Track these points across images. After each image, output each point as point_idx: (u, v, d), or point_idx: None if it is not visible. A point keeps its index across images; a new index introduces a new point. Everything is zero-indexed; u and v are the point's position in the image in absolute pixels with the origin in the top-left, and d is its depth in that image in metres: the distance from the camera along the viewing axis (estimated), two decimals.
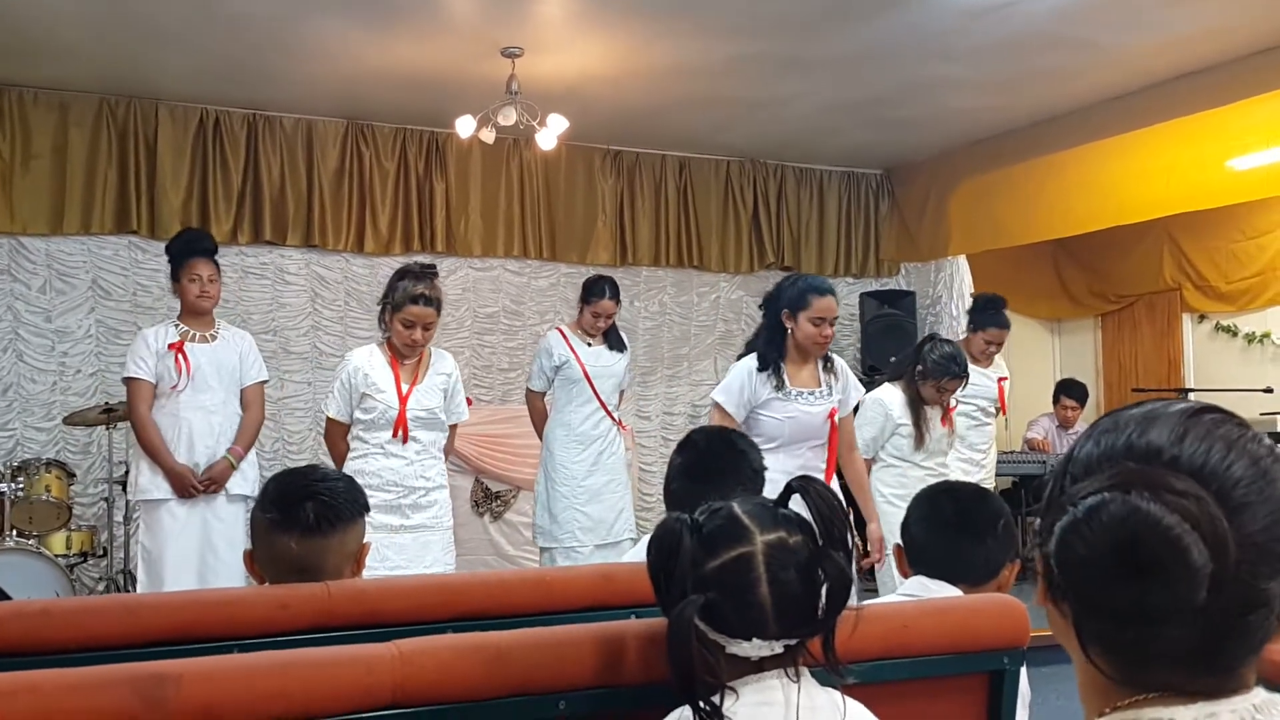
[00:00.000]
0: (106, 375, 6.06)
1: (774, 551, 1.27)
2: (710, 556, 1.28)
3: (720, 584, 1.26)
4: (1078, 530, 0.80)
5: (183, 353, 4.18)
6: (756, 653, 1.26)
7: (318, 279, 6.60)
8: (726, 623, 1.26)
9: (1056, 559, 0.82)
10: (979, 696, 1.59)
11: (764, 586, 1.25)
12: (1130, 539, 0.78)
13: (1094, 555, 0.79)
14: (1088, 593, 0.81)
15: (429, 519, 4.00)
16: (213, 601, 1.78)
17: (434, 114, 6.32)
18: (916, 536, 2.04)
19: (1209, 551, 0.77)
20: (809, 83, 5.93)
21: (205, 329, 4.30)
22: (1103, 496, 0.80)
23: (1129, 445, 0.84)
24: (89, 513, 5.80)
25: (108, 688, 1.13)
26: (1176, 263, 7.47)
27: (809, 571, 1.27)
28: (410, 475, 3.96)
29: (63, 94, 5.94)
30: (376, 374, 3.95)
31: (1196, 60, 5.62)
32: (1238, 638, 0.80)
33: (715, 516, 1.32)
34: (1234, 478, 0.80)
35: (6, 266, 5.93)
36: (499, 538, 6.52)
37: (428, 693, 1.28)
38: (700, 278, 7.52)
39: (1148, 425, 0.84)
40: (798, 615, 1.26)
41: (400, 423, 3.91)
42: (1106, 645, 0.83)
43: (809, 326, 3.69)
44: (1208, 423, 0.83)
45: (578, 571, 2.17)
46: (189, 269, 4.25)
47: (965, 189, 7.23)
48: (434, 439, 4.05)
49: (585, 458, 4.86)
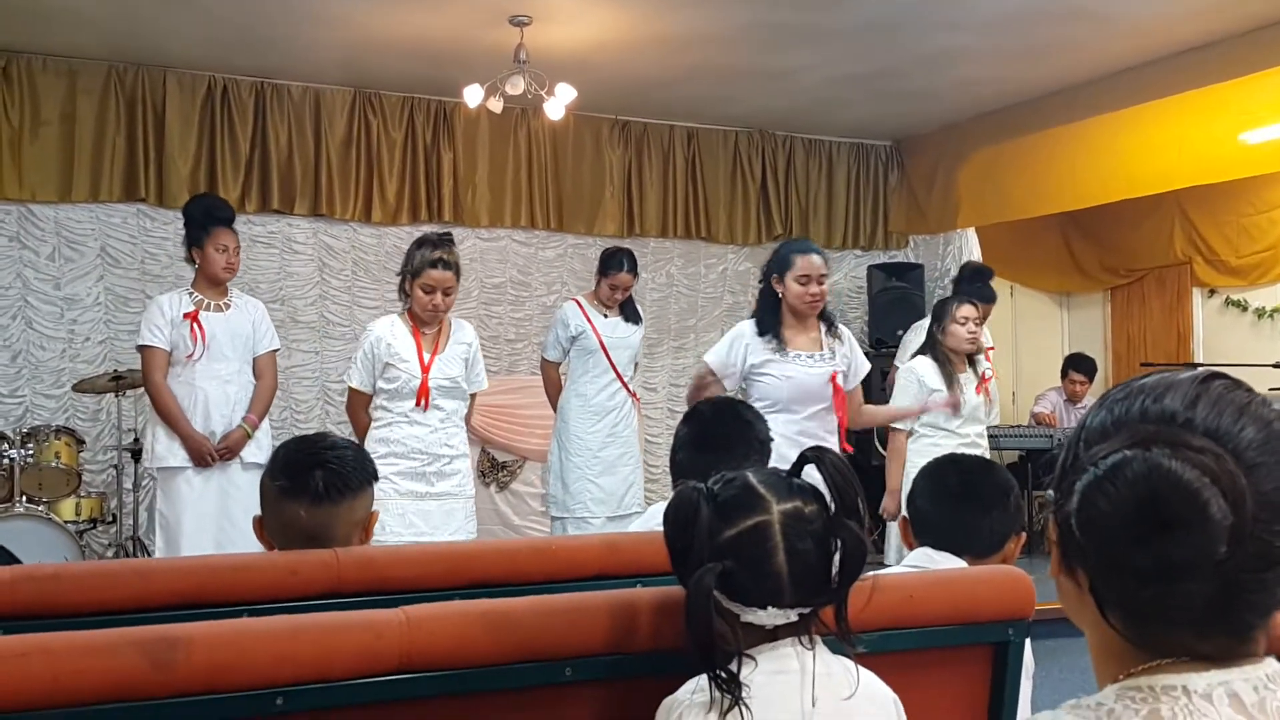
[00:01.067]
0: (115, 343, 6.08)
1: (790, 520, 1.28)
2: (727, 525, 1.28)
3: (737, 552, 1.27)
4: (1100, 487, 0.82)
5: (198, 322, 4.19)
6: (772, 621, 1.27)
7: (325, 248, 6.60)
8: (743, 591, 1.27)
9: (1078, 518, 0.83)
10: (983, 667, 1.60)
11: (780, 555, 1.26)
12: (1152, 494, 0.79)
13: (1117, 512, 0.81)
14: (1110, 551, 0.82)
15: (453, 487, 4.04)
16: (223, 566, 1.79)
17: (442, 83, 6.28)
18: (922, 508, 2.05)
19: (1228, 505, 0.79)
20: (818, 53, 5.88)
21: (219, 297, 4.30)
22: (1124, 454, 0.82)
23: (1143, 411, 0.86)
24: (98, 479, 5.83)
25: (118, 650, 1.14)
26: (1187, 236, 7.43)
27: (824, 541, 1.28)
28: (434, 443, 4.00)
29: (71, 61, 5.92)
30: (399, 343, 3.98)
31: (1209, 32, 5.57)
32: (1255, 594, 0.82)
33: (730, 486, 1.32)
34: (1246, 439, 0.82)
35: (15, 234, 5.93)
36: (505, 508, 6.55)
37: (435, 658, 1.29)
38: (708, 249, 7.51)
39: (1161, 392, 0.87)
40: (813, 584, 1.28)
41: (423, 391, 3.94)
42: (1126, 606, 0.84)
43: (796, 286, 3.70)
44: (1218, 388, 0.86)
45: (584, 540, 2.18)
46: (215, 238, 4.23)
47: (974, 161, 7.19)
48: (456, 407, 4.09)
49: (600, 429, 4.88)
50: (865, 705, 1.30)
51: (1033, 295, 8.43)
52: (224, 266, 4.25)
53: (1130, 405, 0.87)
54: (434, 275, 3.91)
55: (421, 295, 3.93)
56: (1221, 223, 7.22)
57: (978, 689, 1.60)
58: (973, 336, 4.46)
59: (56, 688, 1.11)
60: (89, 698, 1.12)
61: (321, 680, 1.22)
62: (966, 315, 4.43)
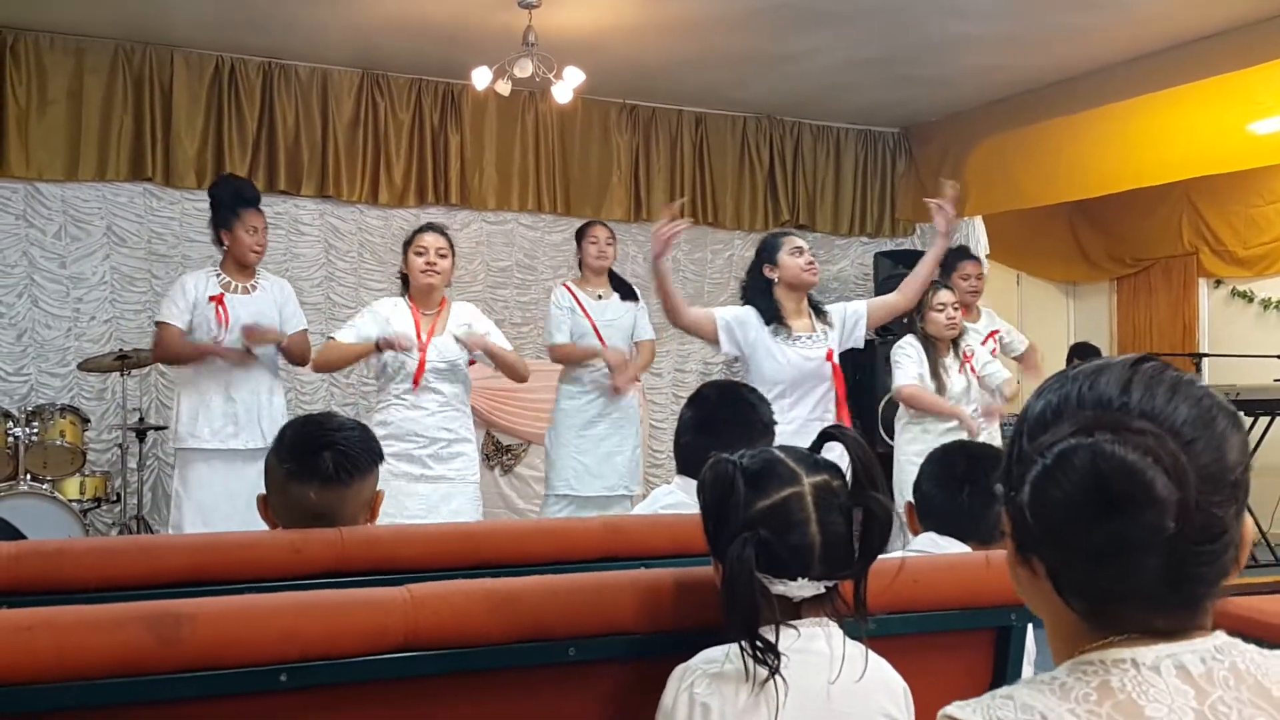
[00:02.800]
0: (121, 322, 6.09)
1: (820, 493, 1.32)
2: (760, 496, 1.31)
3: (771, 523, 1.30)
4: (1050, 477, 0.86)
5: (223, 305, 4.18)
6: (801, 593, 1.30)
7: (332, 230, 6.59)
8: (776, 561, 1.29)
9: (1031, 508, 0.87)
10: (986, 653, 1.60)
11: (813, 525, 1.30)
12: (1100, 478, 0.83)
13: (1068, 498, 0.84)
14: (1064, 536, 0.86)
15: (450, 471, 4.03)
16: (228, 544, 1.80)
17: (450, 65, 6.27)
18: (928, 493, 2.04)
19: (1172, 483, 0.82)
20: (826, 39, 5.86)
21: (246, 279, 4.30)
22: (1069, 443, 0.85)
23: (1080, 397, 0.90)
24: (103, 458, 5.85)
25: (124, 624, 1.15)
26: (1194, 227, 7.41)
27: (849, 514, 1.32)
28: (431, 426, 4.00)
29: (79, 39, 5.91)
30: (398, 322, 3.99)
31: (1218, 22, 5.53)
32: (1203, 565, 0.86)
33: (758, 460, 1.35)
34: (1181, 417, 0.86)
35: (22, 212, 5.93)
36: (509, 491, 6.56)
37: (439, 636, 1.30)
38: (715, 235, 7.49)
39: (1095, 378, 0.90)
40: (840, 556, 1.31)
41: (420, 371, 3.95)
42: (1084, 587, 0.87)
43: (791, 259, 3.77)
44: (1149, 370, 0.90)
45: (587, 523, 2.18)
46: (244, 219, 4.23)
47: (982, 149, 7.16)
48: (456, 392, 4.08)
49: (590, 408, 4.81)
50: (879, 689, 1.32)
51: (1039, 284, 8.41)
52: (253, 248, 4.25)
53: (1067, 392, 0.90)
54: (424, 239, 4.00)
55: (415, 259, 3.99)
56: (1229, 213, 7.19)
57: (980, 673, 1.61)
58: (951, 322, 4.53)
59: (61, 661, 1.12)
60: (94, 671, 1.13)
61: (326, 657, 1.22)
62: (944, 302, 4.51)
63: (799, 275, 3.77)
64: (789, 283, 3.77)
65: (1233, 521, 0.86)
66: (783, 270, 3.77)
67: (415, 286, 4.07)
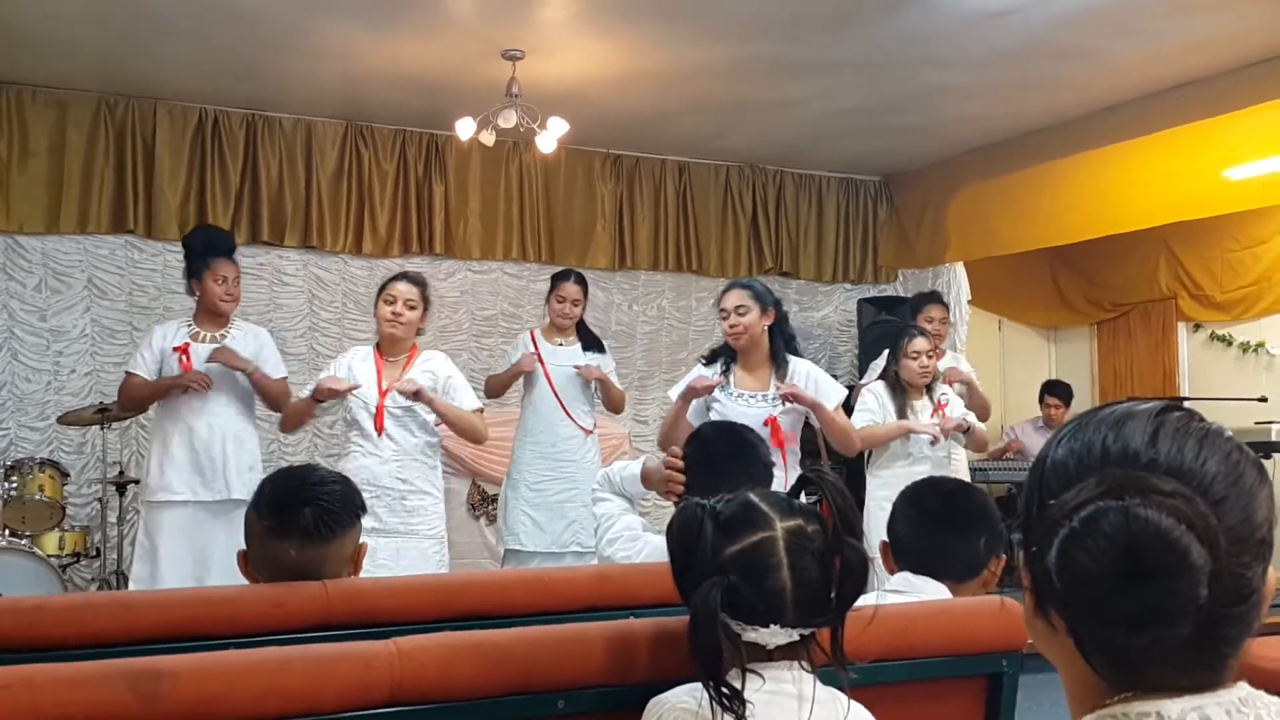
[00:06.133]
0: (101, 375, 6.04)
1: (794, 538, 1.28)
2: (730, 541, 1.28)
3: (741, 568, 1.26)
4: (1079, 542, 0.81)
5: (186, 354, 4.17)
6: (774, 640, 1.27)
7: (315, 280, 6.59)
8: (746, 608, 1.26)
9: (1058, 572, 0.83)
10: (977, 699, 1.59)
11: (784, 571, 1.26)
12: (1131, 545, 0.79)
13: (1097, 565, 0.81)
14: (1092, 601, 0.82)
15: (403, 525, 3.94)
16: (209, 599, 1.77)
17: (434, 116, 6.31)
18: (901, 532, 2.02)
19: (1205, 549, 0.79)
20: (809, 89, 5.93)
21: (217, 328, 4.29)
22: (1097, 506, 0.81)
23: (1104, 450, 0.86)
24: (82, 513, 5.77)
25: (104, 683, 1.12)
26: (1172, 271, 7.49)
27: (825, 561, 1.28)
28: (383, 475, 3.93)
29: (61, 92, 5.93)
30: (359, 369, 3.98)
31: (1193, 70, 5.64)
32: (1231, 628, 0.83)
33: (733, 504, 1.33)
34: (1209, 474, 0.83)
35: (2, 265, 5.91)
36: (493, 540, 6.49)
37: (426, 690, 1.28)
38: (699, 282, 7.52)
39: (1119, 428, 0.86)
40: (815, 603, 1.27)
41: (379, 415, 3.92)
42: (1109, 652, 0.84)
43: (721, 321, 3.84)
44: (1175, 421, 0.86)
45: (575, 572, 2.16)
46: (214, 269, 4.24)
47: (963, 196, 7.24)
48: (415, 443, 4.02)
49: (541, 463, 4.75)
50: None
51: (1020, 329, 8.47)
52: (222, 297, 4.24)
53: (1090, 440, 0.87)
54: (395, 288, 4.03)
55: (384, 307, 4.01)
56: (1206, 258, 7.28)
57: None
58: (925, 370, 4.59)
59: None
60: None
61: (310, 713, 1.20)
62: (918, 349, 4.59)
63: (726, 337, 3.82)
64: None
65: (1259, 580, 0.84)
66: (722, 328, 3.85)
67: (380, 335, 4.07)
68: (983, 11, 4.86)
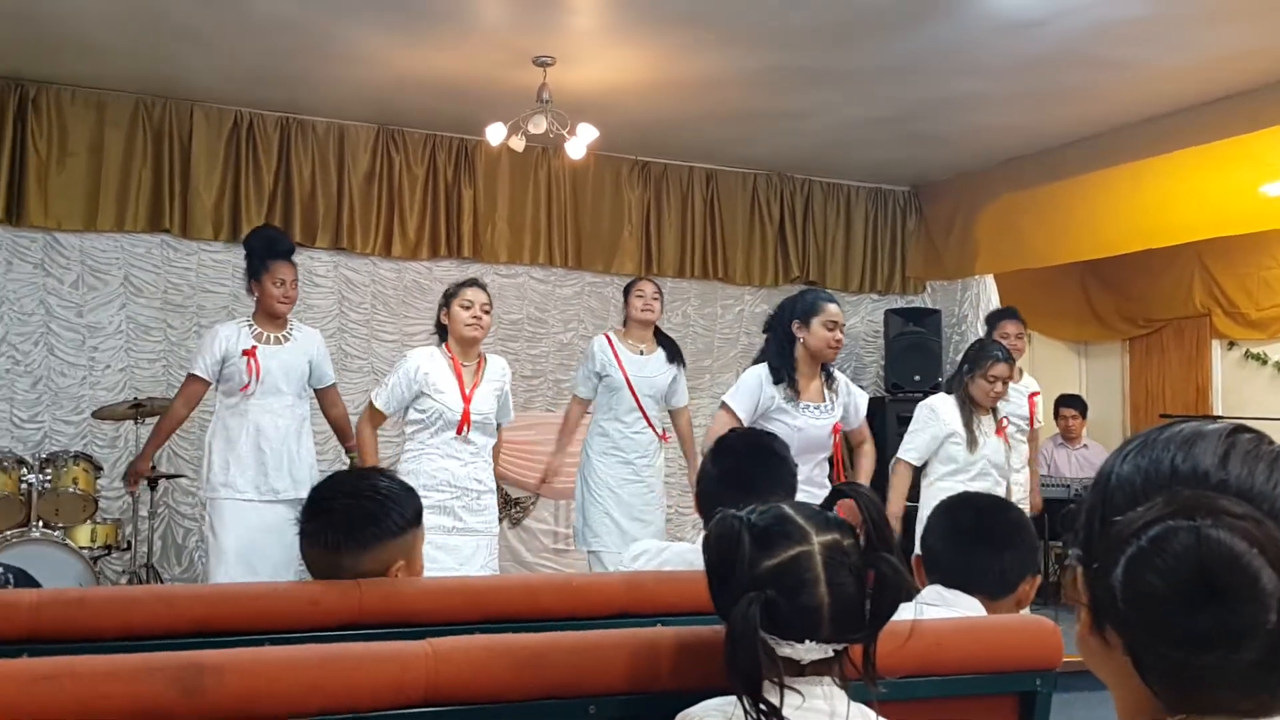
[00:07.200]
0: (135, 371, 6.12)
1: (830, 553, 1.27)
2: (767, 555, 1.27)
3: (778, 583, 1.25)
4: (1148, 561, 0.80)
5: (255, 357, 4.24)
6: (809, 655, 1.26)
7: (345, 281, 6.64)
8: (782, 623, 1.25)
9: (1123, 591, 0.82)
10: (1009, 718, 1.58)
11: (822, 586, 1.25)
12: (1201, 567, 0.79)
13: (1166, 585, 0.80)
14: (1157, 622, 0.81)
15: (481, 523, 4.05)
16: (246, 595, 1.79)
17: (464, 121, 6.35)
18: (934, 546, 2.00)
19: (1276, 574, 0.78)
20: (837, 96, 5.93)
21: (278, 329, 4.37)
22: (1168, 525, 0.80)
23: (1174, 469, 0.85)
24: (114, 506, 5.84)
25: (148, 675, 1.14)
26: (1206, 288, 7.42)
27: (861, 575, 1.27)
28: (464, 477, 4.02)
29: (100, 93, 6.01)
30: (437, 375, 4.03)
31: (1230, 84, 5.59)
32: None
33: (767, 516, 1.31)
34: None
35: (40, 261, 5.99)
36: (517, 544, 6.52)
37: (460, 692, 1.29)
38: (725, 290, 7.52)
39: (1189, 447, 0.85)
40: (851, 619, 1.26)
41: (464, 421, 3.96)
42: (1169, 674, 0.83)
43: (823, 331, 3.81)
44: (1246, 443, 0.85)
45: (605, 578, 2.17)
46: (273, 272, 4.30)
47: (993, 208, 7.21)
48: (486, 443, 4.12)
49: (621, 468, 4.78)
50: None
51: (1051, 344, 8.41)
52: (280, 299, 4.31)
53: (1158, 460, 0.86)
54: (469, 293, 4.08)
55: (461, 311, 4.05)
56: (1241, 275, 7.21)
57: None
58: (995, 397, 4.46)
59: (84, 711, 1.11)
60: None
61: (349, 711, 1.21)
62: (998, 375, 4.41)
63: (822, 349, 3.83)
64: (812, 352, 3.82)
65: None
66: (811, 337, 3.82)
67: (459, 338, 4.10)
68: (1014, 21, 4.84)
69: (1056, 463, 7.30)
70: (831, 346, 3.81)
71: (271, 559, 4.11)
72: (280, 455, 4.24)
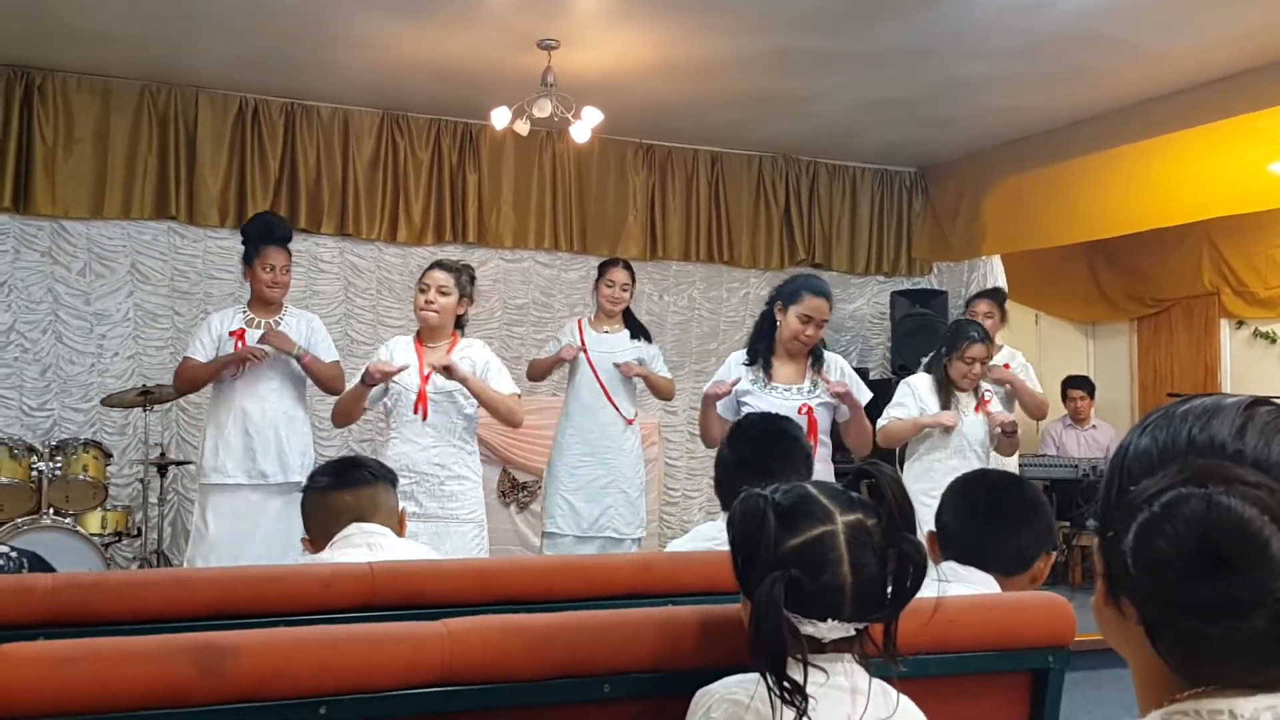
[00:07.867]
0: (143, 358, 6.13)
1: (854, 532, 1.28)
2: (792, 534, 1.28)
3: (802, 561, 1.26)
4: (1158, 527, 0.81)
5: (243, 339, 4.25)
6: (830, 634, 1.27)
7: (351, 267, 6.64)
8: (805, 601, 1.26)
9: (1134, 556, 0.82)
10: (1022, 694, 1.59)
11: (845, 566, 1.26)
12: (1211, 533, 0.79)
13: (1175, 551, 0.80)
14: (1168, 589, 0.81)
15: (442, 510, 3.97)
16: (261, 577, 1.80)
17: (469, 105, 6.34)
18: (949, 523, 2.00)
19: None
20: (842, 79, 5.90)
21: (270, 314, 4.36)
22: (1179, 492, 0.81)
23: (1190, 439, 0.85)
24: (124, 493, 5.87)
25: (167, 657, 1.15)
26: (1215, 267, 7.39)
27: (883, 555, 1.28)
28: (422, 461, 3.96)
29: (105, 80, 6.01)
30: (400, 356, 4.02)
31: (1238, 62, 5.55)
32: None
33: (791, 494, 1.32)
34: None
35: (47, 249, 6.00)
36: (524, 528, 6.55)
37: (475, 671, 1.30)
38: (730, 273, 7.51)
39: (1206, 419, 0.86)
40: (873, 598, 1.27)
41: (420, 400, 3.95)
42: (1181, 643, 0.83)
43: (795, 323, 3.71)
44: (1264, 415, 0.85)
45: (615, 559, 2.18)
46: (264, 257, 4.32)
47: (1000, 189, 7.18)
48: (453, 426, 4.03)
49: (580, 449, 4.79)
50: None
51: (1058, 324, 8.39)
52: (269, 284, 4.31)
53: (1176, 432, 0.87)
54: (428, 275, 4.08)
55: (418, 295, 4.07)
56: (1250, 254, 7.18)
57: (1016, 718, 1.59)
58: (974, 378, 4.47)
59: (104, 693, 1.12)
60: (136, 703, 1.13)
61: (364, 691, 1.22)
62: (974, 356, 4.44)
63: (789, 342, 3.73)
64: (783, 341, 3.76)
65: None
66: (784, 326, 3.74)
67: (419, 320, 4.12)
68: (1021, 2, 4.81)
69: (1065, 443, 7.30)
70: (800, 340, 3.70)
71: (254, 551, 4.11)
72: (268, 439, 4.24)
